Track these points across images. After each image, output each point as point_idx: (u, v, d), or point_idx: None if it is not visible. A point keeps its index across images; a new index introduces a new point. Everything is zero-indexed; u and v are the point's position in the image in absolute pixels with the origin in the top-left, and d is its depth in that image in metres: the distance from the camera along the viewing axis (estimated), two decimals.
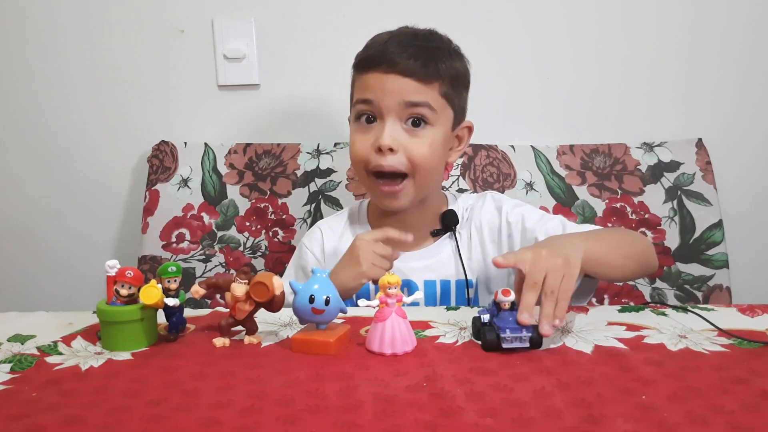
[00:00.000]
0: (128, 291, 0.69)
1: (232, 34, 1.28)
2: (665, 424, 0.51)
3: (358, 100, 0.91)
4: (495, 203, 1.00)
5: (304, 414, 0.53)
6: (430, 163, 0.90)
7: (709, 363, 0.63)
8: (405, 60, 0.87)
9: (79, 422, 0.53)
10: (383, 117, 0.89)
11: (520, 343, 0.66)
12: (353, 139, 0.92)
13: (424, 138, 0.89)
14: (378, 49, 0.90)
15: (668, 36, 1.28)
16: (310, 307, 0.67)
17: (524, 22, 1.28)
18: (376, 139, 0.88)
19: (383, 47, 0.90)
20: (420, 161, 0.89)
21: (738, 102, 1.29)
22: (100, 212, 1.34)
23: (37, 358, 0.68)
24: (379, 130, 0.89)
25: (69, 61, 1.30)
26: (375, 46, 0.91)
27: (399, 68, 0.87)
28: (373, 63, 0.89)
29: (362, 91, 0.91)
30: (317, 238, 1.02)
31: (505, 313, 0.68)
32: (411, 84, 0.88)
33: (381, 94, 0.88)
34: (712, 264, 1.20)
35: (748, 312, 0.78)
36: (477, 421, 0.51)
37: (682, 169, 1.23)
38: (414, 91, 0.88)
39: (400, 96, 0.88)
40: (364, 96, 0.90)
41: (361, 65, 0.92)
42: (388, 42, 0.90)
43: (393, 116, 0.88)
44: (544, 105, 1.30)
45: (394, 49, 0.89)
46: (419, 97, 0.88)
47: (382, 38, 0.92)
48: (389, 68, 0.88)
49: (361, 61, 0.92)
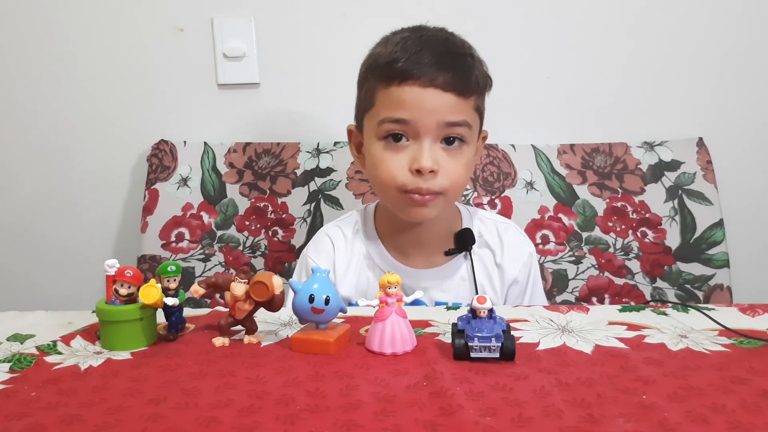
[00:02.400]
0: (127, 290, 0.69)
1: (232, 33, 1.28)
2: (665, 424, 0.51)
3: (389, 119, 0.82)
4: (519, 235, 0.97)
5: (304, 414, 0.53)
6: (464, 181, 0.88)
7: (710, 362, 0.63)
8: (445, 73, 0.80)
9: (78, 422, 0.53)
10: (419, 137, 0.82)
11: (489, 353, 0.63)
12: (382, 160, 0.84)
13: (460, 158, 0.85)
14: (412, 59, 0.81)
15: (669, 35, 1.28)
16: (309, 306, 0.67)
17: (524, 22, 1.28)
18: (414, 160, 0.81)
19: (417, 57, 0.81)
20: (456, 182, 0.85)
21: (739, 101, 1.29)
22: (100, 211, 1.34)
23: (37, 357, 0.68)
24: (415, 151, 0.82)
25: (68, 60, 1.30)
26: (407, 55, 0.81)
27: (439, 82, 0.80)
28: (407, 75, 0.80)
29: (395, 108, 0.82)
30: (326, 249, 0.94)
31: (480, 321, 0.64)
32: (451, 100, 0.81)
33: (419, 114, 0.80)
34: (713, 263, 1.20)
35: (748, 311, 0.78)
36: (477, 420, 0.51)
37: (683, 168, 1.23)
38: (453, 108, 0.82)
39: (439, 115, 0.81)
40: (398, 115, 0.81)
41: (391, 75, 0.82)
42: (423, 51, 0.81)
43: (431, 137, 0.82)
44: (545, 104, 1.30)
45: (430, 59, 0.81)
46: (458, 117, 0.82)
47: (411, 45, 0.82)
48: (428, 82, 0.80)
49: (391, 71, 0.82)
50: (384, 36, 0.90)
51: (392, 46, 0.84)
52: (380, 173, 0.85)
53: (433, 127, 0.82)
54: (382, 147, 0.84)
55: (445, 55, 0.83)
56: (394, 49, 0.83)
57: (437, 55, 0.82)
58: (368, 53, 0.90)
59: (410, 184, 0.83)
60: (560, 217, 1.21)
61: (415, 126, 0.82)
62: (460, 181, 0.86)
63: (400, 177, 0.83)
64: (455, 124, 0.83)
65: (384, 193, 0.88)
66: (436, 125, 0.82)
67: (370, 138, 0.86)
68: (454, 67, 0.82)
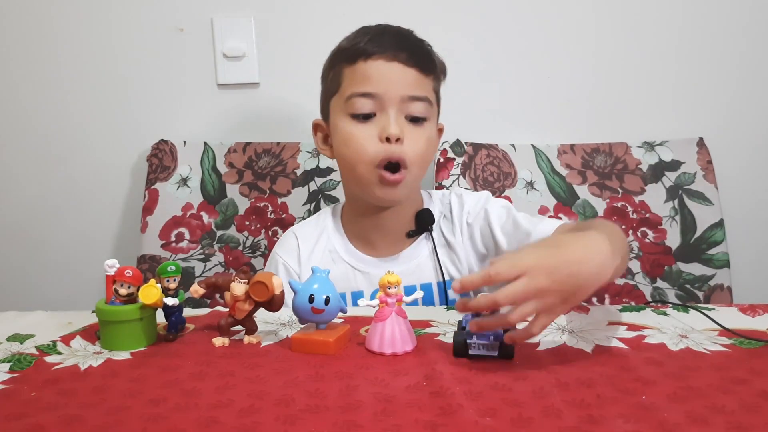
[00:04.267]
0: (127, 290, 0.69)
1: (232, 33, 1.28)
2: (665, 424, 0.50)
3: (357, 93, 0.86)
4: (458, 200, 0.97)
5: (304, 414, 0.53)
6: (426, 157, 0.90)
7: (710, 363, 0.63)
8: (406, 50, 0.86)
9: (78, 422, 0.53)
10: (385, 109, 0.86)
11: (487, 351, 0.63)
12: (352, 134, 0.87)
13: (423, 132, 0.88)
14: (375, 39, 0.87)
15: (669, 35, 1.28)
16: (309, 306, 0.67)
17: (525, 22, 1.28)
18: (383, 129, 0.85)
19: (380, 37, 0.87)
20: (419, 154, 0.87)
21: (739, 101, 1.29)
22: (99, 211, 1.34)
23: (36, 357, 0.68)
24: (383, 121, 0.86)
25: (68, 60, 1.30)
26: (369, 36, 0.88)
27: (402, 57, 0.86)
28: (371, 51, 0.86)
29: (361, 83, 0.86)
30: (292, 246, 0.97)
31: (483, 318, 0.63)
32: (413, 75, 0.87)
33: (385, 86, 0.85)
34: (713, 263, 1.20)
35: (749, 312, 0.78)
36: (477, 420, 0.51)
37: (683, 168, 1.23)
38: (416, 83, 0.87)
39: (402, 88, 0.86)
40: (365, 89, 0.86)
41: (357, 54, 0.87)
42: (384, 34, 0.88)
43: (396, 109, 0.86)
44: (545, 104, 1.30)
45: (391, 39, 0.87)
46: (420, 91, 0.87)
47: (373, 30, 0.89)
48: (392, 57, 0.86)
49: (356, 50, 0.87)
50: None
51: (354, 35, 0.91)
52: (351, 147, 0.88)
53: (397, 100, 0.86)
54: (351, 122, 0.88)
55: (405, 37, 0.90)
56: (356, 36, 0.90)
57: (398, 36, 0.89)
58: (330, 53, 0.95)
59: (381, 153, 0.86)
60: (561, 217, 1.21)
61: (382, 98, 0.86)
62: (422, 154, 0.89)
63: (371, 148, 0.86)
64: (417, 98, 0.87)
65: (355, 172, 0.89)
66: (400, 98, 0.86)
67: (338, 117, 0.89)
68: (414, 46, 0.89)
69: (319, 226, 0.99)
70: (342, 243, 0.97)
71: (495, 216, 0.93)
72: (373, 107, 0.86)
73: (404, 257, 0.95)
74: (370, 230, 0.95)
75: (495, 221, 0.93)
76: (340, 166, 0.94)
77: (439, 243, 0.95)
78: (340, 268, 0.94)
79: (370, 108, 0.86)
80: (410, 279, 0.92)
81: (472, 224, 0.95)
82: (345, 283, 0.93)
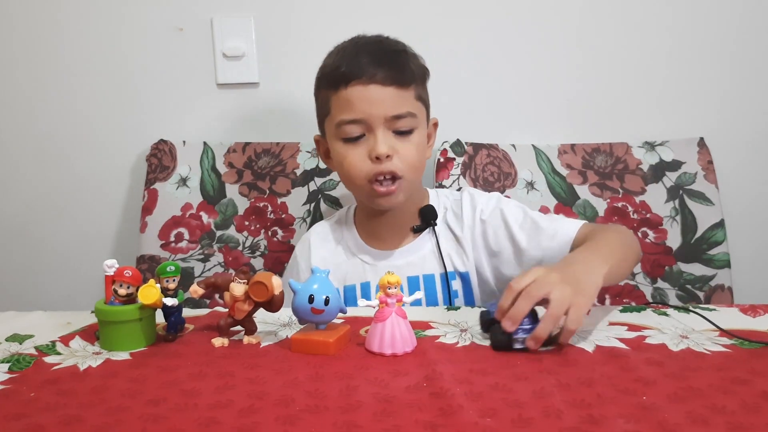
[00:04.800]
0: (127, 290, 0.69)
1: (231, 33, 1.28)
2: (666, 424, 0.50)
3: (344, 121, 0.91)
4: (471, 200, 1.02)
5: (304, 414, 0.53)
6: (419, 163, 0.96)
7: (710, 363, 0.63)
8: (382, 69, 0.90)
9: (77, 422, 0.53)
10: (372, 129, 0.91)
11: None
12: (345, 156, 0.93)
13: (411, 142, 0.93)
14: (351, 63, 0.91)
15: (670, 35, 1.28)
16: (309, 307, 0.67)
17: (524, 22, 1.28)
18: (371, 149, 0.91)
19: (356, 60, 0.91)
20: (410, 164, 0.93)
21: (740, 101, 1.29)
22: (99, 211, 1.34)
23: (35, 357, 0.68)
24: (371, 141, 0.91)
25: (68, 60, 1.30)
26: (346, 61, 0.92)
27: (378, 78, 0.90)
28: (349, 77, 0.90)
29: (345, 110, 0.91)
30: (305, 250, 1.05)
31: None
32: (392, 93, 0.90)
33: (367, 109, 0.90)
34: (714, 264, 1.19)
35: (749, 312, 0.78)
36: (477, 420, 0.51)
37: (684, 168, 1.23)
38: (395, 101, 0.91)
39: (384, 109, 0.90)
40: (349, 116, 0.91)
41: (337, 81, 0.91)
42: (359, 54, 0.91)
43: (382, 127, 0.91)
44: (545, 104, 1.30)
45: (367, 59, 0.90)
46: (401, 109, 0.91)
47: (349, 51, 0.93)
48: (369, 80, 0.89)
49: (336, 77, 0.92)
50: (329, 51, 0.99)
51: (333, 57, 0.95)
52: (346, 168, 0.94)
53: (381, 120, 0.91)
54: (343, 146, 0.94)
55: (380, 53, 0.92)
56: (335, 59, 0.94)
57: (372, 55, 0.92)
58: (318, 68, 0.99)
59: (373, 170, 0.91)
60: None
61: (367, 121, 0.91)
62: (414, 162, 0.94)
63: (363, 167, 0.92)
64: (400, 117, 0.91)
65: (352, 186, 0.97)
66: (384, 119, 0.91)
67: (333, 140, 0.96)
68: (389, 63, 0.91)
69: (337, 223, 1.07)
70: (353, 239, 1.03)
71: (511, 216, 0.98)
72: (361, 129, 0.92)
73: (409, 249, 1.00)
74: (378, 227, 1.01)
75: (512, 221, 0.97)
76: (342, 180, 1.01)
77: (446, 237, 1.00)
78: (353, 262, 1.02)
79: (359, 131, 0.92)
80: (415, 270, 0.99)
81: (486, 222, 0.99)
82: (356, 276, 1.00)
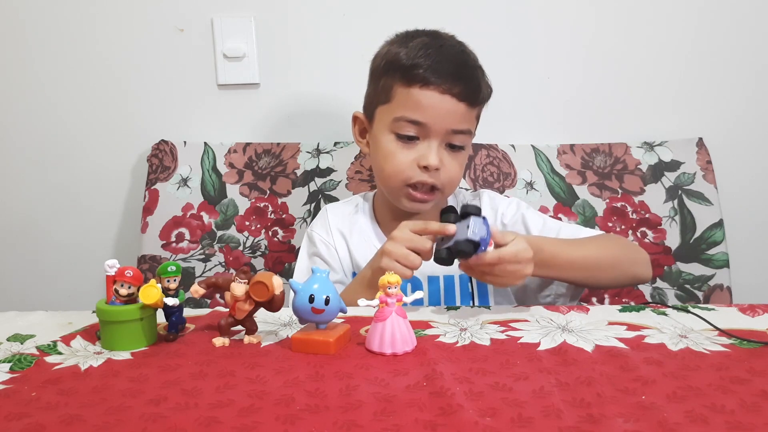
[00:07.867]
0: (128, 290, 0.69)
1: (232, 33, 1.28)
2: (665, 424, 0.51)
3: (406, 118, 0.89)
4: (491, 202, 1.03)
5: (304, 414, 0.53)
6: (458, 180, 0.97)
7: (710, 363, 0.63)
8: (461, 84, 0.88)
9: (78, 422, 0.53)
10: (429, 137, 0.90)
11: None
12: (392, 152, 0.91)
13: (459, 159, 0.94)
14: (434, 67, 0.88)
15: (669, 35, 1.28)
16: (309, 306, 0.67)
17: (524, 22, 1.28)
18: (422, 157, 0.90)
19: (439, 66, 0.88)
20: (452, 180, 0.94)
21: (739, 101, 1.29)
22: (100, 212, 1.34)
23: (37, 357, 0.68)
24: (424, 149, 0.90)
25: (68, 60, 1.30)
26: (429, 62, 0.88)
27: (455, 92, 0.88)
28: (428, 81, 0.88)
29: (411, 109, 0.89)
30: (323, 218, 1.04)
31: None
32: (461, 109, 0.90)
33: (434, 118, 0.89)
34: (713, 264, 1.20)
35: (748, 312, 0.78)
36: (477, 420, 0.51)
37: (683, 168, 1.23)
38: (462, 117, 0.90)
39: (449, 122, 0.89)
40: (415, 117, 0.89)
41: (413, 78, 0.89)
42: (443, 62, 0.89)
43: (439, 138, 0.90)
44: (545, 104, 1.30)
45: (450, 69, 0.89)
46: (464, 125, 0.91)
47: (432, 53, 0.89)
48: (446, 90, 0.88)
49: (413, 75, 0.89)
50: (399, 34, 0.96)
51: (414, 51, 0.90)
52: (389, 165, 0.93)
53: (442, 132, 0.90)
54: (394, 140, 0.92)
55: (462, 66, 0.91)
56: (416, 54, 0.90)
57: (456, 66, 0.90)
58: (385, 49, 0.95)
59: (415, 177, 0.91)
60: (560, 217, 1.21)
61: (428, 128, 0.90)
62: (456, 179, 0.96)
63: (407, 171, 0.92)
64: (460, 132, 0.91)
65: (387, 183, 0.95)
66: (445, 131, 0.90)
67: (382, 130, 0.93)
68: (468, 79, 0.91)
69: (355, 208, 1.06)
70: (372, 227, 1.03)
71: (532, 223, 1.00)
72: (418, 132, 0.91)
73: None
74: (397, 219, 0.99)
75: (533, 229, 0.99)
76: (374, 170, 1.00)
77: None
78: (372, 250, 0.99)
79: (415, 132, 0.91)
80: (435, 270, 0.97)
81: (507, 226, 1.01)
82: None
